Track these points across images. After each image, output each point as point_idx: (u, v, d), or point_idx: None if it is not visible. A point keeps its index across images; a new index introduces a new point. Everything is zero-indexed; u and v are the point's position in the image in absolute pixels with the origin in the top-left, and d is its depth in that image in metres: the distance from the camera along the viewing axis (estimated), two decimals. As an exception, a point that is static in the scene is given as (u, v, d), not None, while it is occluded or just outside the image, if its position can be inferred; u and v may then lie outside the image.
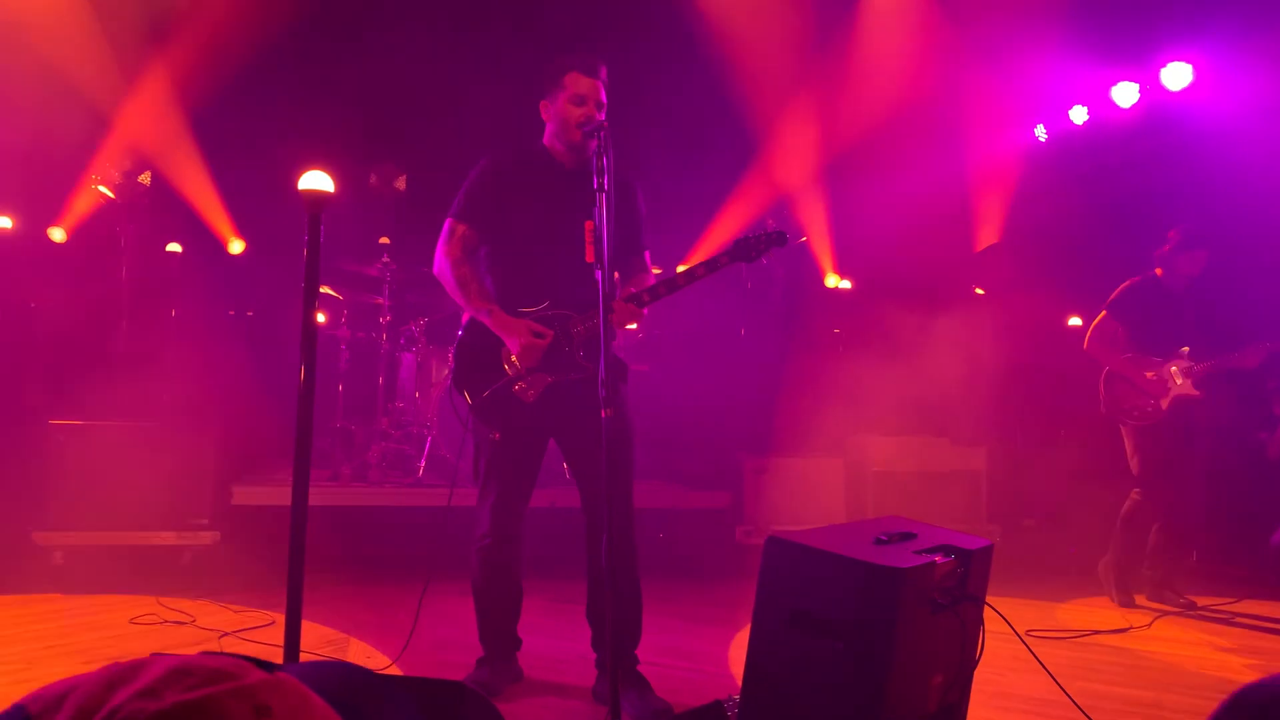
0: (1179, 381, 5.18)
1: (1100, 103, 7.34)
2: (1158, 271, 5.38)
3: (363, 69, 7.52)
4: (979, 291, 7.31)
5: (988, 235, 8.03)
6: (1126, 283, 5.44)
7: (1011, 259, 7.26)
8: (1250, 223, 6.12)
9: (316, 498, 5.58)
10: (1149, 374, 5.26)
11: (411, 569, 5.31)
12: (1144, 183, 7.36)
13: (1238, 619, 4.99)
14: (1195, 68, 6.62)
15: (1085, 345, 5.47)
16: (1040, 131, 7.86)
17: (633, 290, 3.34)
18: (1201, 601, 5.26)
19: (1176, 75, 6.67)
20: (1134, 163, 7.45)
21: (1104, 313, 5.45)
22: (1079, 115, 7.51)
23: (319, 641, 4.01)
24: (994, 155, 8.18)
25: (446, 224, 3.40)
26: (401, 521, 5.74)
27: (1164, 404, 5.18)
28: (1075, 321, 7.00)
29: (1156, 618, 4.93)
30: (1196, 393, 5.15)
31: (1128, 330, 5.40)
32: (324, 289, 6.69)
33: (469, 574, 3.46)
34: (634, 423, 3.36)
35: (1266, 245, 6.20)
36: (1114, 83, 7.12)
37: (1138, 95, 7.04)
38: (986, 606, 2.66)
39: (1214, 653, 4.31)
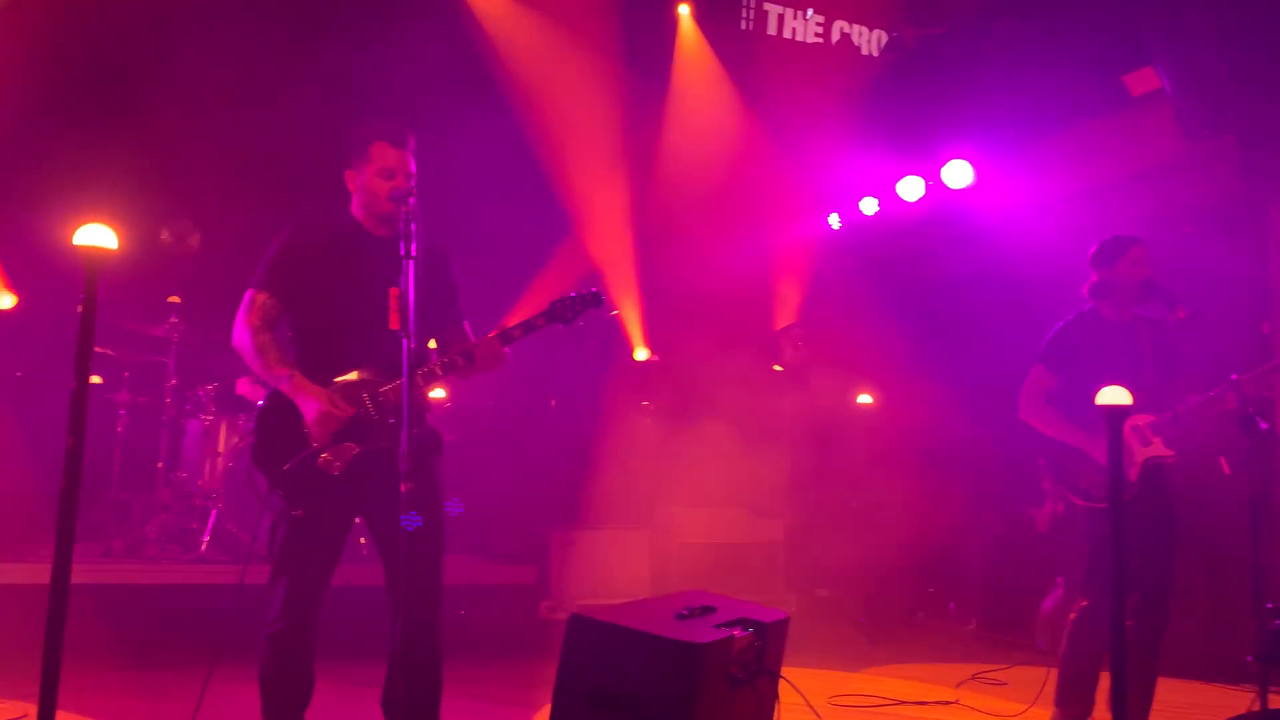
0: (1146, 441, 3.94)
1: (889, 195, 7.80)
2: (1096, 306, 4.15)
3: (156, 121, 7.14)
4: (778, 369, 7.59)
5: (786, 315, 8.39)
6: (1059, 323, 4.22)
7: (807, 339, 7.58)
8: (1027, 308, 6.54)
9: (84, 575, 5.10)
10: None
11: (192, 654, 4.90)
12: (931, 272, 7.89)
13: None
14: (975, 166, 7.15)
15: (1020, 412, 4.18)
16: (834, 220, 8.32)
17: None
18: (976, 668, 5.51)
19: (958, 173, 7.17)
20: (921, 253, 7.99)
21: (1036, 366, 4.20)
22: (869, 206, 7.97)
23: (79, 736, 3.65)
24: (792, 239, 8.61)
25: (247, 295, 3.24)
26: (182, 601, 5.33)
27: (1133, 474, 3.90)
28: (865, 400, 7.35)
29: (962, 683, 5.15)
30: (1169, 452, 3.92)
31: (1069, 383, 4.06)
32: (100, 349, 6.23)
33: (258, 661, 3.23)
34: (446, 498, 3.25)
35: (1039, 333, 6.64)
36: (900, 177, 7.61)
37: (923, 190, 7.53)
38: (782, 680, 2.71)
39: None
